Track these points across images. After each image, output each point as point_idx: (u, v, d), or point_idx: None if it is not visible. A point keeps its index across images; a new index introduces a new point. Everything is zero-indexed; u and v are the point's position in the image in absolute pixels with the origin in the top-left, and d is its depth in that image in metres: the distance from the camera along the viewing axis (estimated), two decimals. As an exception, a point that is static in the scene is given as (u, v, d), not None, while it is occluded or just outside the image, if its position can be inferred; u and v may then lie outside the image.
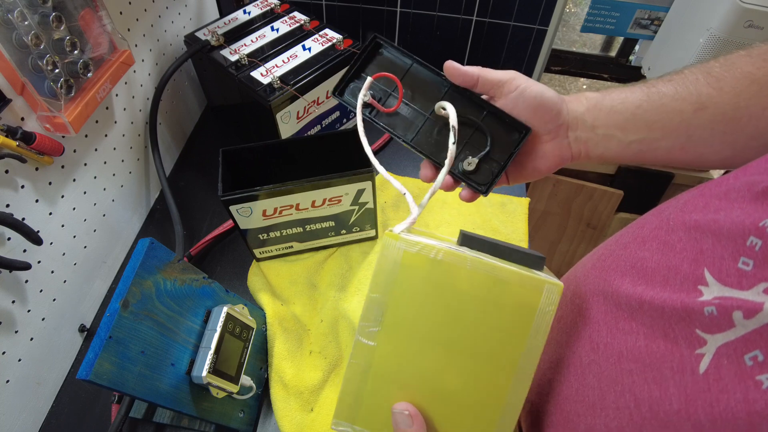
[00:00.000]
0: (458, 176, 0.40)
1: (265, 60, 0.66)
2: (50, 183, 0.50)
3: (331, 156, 0.61)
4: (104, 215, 0.60)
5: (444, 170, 0.36)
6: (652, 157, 0.38)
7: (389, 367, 0.31)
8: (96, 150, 0.57)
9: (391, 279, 0.31)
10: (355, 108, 0.40)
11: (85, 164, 0.55)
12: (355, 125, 0.41)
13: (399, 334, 0.31)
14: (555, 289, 0.30)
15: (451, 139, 0.36)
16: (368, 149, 0.39)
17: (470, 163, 0.39)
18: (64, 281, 0.54)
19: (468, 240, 0.31)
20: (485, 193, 0.39)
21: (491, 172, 0.40)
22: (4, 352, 0.46)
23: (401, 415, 0.31)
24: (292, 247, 0.64)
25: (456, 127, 0.36)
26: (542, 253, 0.31)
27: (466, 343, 0.31)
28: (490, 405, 0.31)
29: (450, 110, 0.38)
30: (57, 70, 0.44)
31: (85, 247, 0.57)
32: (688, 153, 0.37)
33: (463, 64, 0.38)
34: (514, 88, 0.38)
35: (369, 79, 0.40)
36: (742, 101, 0.33)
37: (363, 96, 0.40)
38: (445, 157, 0.36)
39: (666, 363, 0.25)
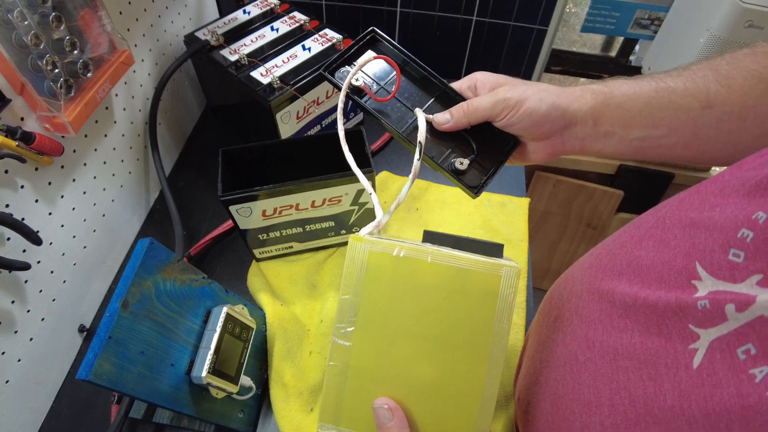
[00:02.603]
0: (450, 175, 0.40)
1: (265, 60, 0.66)
2: (50, 183, 0.50)
3: (331, 156, 0.60)
4: (104, 215, 0.60)
5: (407, 186, 0.36)
6: (652, 153, 0.38)
7: (366, 365, 0.32)
8: (96, 150, 0.57)
9: (360, 279, 0.32)
10: (342, 88, 0.40)
11: (85, 164, 0.55)
12: (355, 125, 0.41)
13: (373, 331, 0.32)
14: (513, 272, 0.31)
15: (416, 155, 0.36)
16: (341, 127, 0.39)
17: (462, 162, 0.40)
18: (64, 281, 0.54)
19: (430, 236, 0.33)
20: (475, 195, 0.40)
21: (480, 176, 0.40)
22: (3, 353, 0.46)
23: (381, 409, 0.31)
24: (291, 247, 0.64)
25: (422, 142, 0.37)
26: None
27: (437, 333, 0.32)
28: (467, 392, 0.32)
29: (420, 122, 0.37)
30: (56, 70, 0.44)
31: (84, 247, 0.57)
32: (690, 150, 0.37)
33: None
34: (521, 110, 0.38)
35: (370, 52, 0.39)
36: (750, 100, 0.33)
37: (354, 74, 0.40)
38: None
39: (660, 359, 0.25)
